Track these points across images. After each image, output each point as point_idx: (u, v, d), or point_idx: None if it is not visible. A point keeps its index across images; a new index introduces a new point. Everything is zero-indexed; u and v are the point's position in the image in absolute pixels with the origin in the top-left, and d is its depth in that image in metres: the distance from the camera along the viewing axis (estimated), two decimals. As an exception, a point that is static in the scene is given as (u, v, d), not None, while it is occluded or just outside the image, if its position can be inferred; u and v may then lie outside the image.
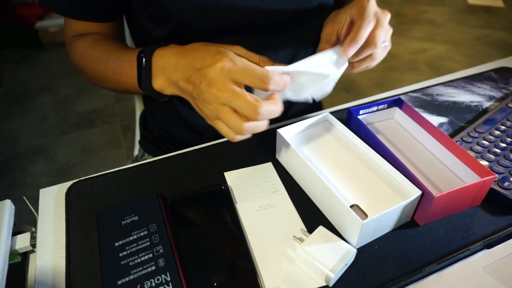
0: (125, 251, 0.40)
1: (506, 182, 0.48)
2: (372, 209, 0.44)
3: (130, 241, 0.41)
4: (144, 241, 0.41)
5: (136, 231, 0.42)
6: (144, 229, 0.42)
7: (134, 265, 0.39)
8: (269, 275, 0.40)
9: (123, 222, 0.43)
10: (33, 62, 2.33)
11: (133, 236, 0.42)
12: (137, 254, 0.40)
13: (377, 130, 0.59)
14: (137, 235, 0.42)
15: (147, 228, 0.42)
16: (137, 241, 0.41)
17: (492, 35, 2.59)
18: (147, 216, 0.44)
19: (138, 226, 0.43)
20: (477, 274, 0.41)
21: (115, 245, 0.41)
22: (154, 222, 0.43)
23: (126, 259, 0.40)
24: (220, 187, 0.49)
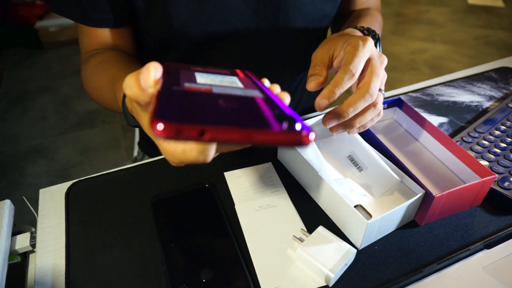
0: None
1: (506, 182, 0.48)
2: (375, 209, 0.44)
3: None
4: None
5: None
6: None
7: None
8: (269, 275, 0.40)
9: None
10: (33, 62, 2.33)
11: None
12: None
13: (377, 130, 0.59)
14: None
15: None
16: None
17: (492, 35, 2.59)
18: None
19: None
20: (477, 274, 0.41)
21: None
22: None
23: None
24: (204, 185, 0.49)
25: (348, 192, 0.45)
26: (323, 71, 0.43)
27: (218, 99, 0.24)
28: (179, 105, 0.22)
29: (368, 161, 0.48)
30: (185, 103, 0.23)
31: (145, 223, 0.46)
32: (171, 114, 0.21)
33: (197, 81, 0.28)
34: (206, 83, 0.28)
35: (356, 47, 0.40)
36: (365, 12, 0.64)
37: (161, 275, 0.40)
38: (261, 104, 0.25)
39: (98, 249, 0.43)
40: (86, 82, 0.58)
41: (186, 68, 0.31)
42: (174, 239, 0.43)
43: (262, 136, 0.22)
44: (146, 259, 0.42)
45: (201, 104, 0.23)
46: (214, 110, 0.23)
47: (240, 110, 0.24)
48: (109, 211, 0.47)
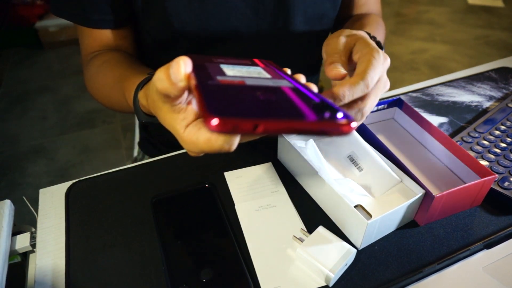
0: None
1: (506, 182, 0.48)
2: (375, 210, 0.44)
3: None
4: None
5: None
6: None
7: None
8: (269, 275, 0.40)
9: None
10: (33, 62, 2.33)
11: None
12: None
13: (377, 130, 0.59)
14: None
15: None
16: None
17: (492, 35, 2.59)
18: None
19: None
20: (477, 274, 0.41)
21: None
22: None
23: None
24: (204, 185, 0.49)
25: (348, 192, 0.45)
26: (345, 60, 0.41)
27: (256, 92, 0.25)
28: (227, 99, 0.24)
29: (368, 161, 0.48)
30: (231, 97, 0.24)
31: (145, 223, 0.46)
32: (223, 109, 0.22)
33: (227, 74, 0.28)
34: (237, 75, 0.28)
35: (378, 60, 0.38)
36: (371, 19, 0.62)
37: (161, 275, 0.40)
38: (298, 95, 0.26)
39: (98, 249, 0.43)
40: (90, 83, 0.58)
41: (210, 61, 0.32)
42: (174, 239, 0.43)
43: (309, 126, 0.23)
44: (146, 259, 0.42)
45: (245, 97, 0.25)
46: (260, 103, 0.24)
47: (282, 101, 0.25)
48: (109, 211, 0.47)
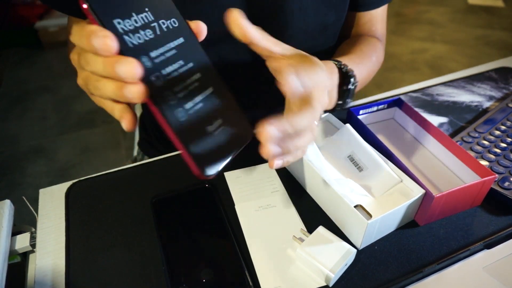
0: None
1: (506, 182, 0.48)
2: (375, 210, 0.44)
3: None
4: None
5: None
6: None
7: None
8: (269, 275, 0.40)
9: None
10: (33, 62, 2.33)
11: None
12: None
13: (377, 130, 0.59)
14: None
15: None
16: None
17: (492, 35, 2.59)
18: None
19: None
20: (477, 274, 0.41)
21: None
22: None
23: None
24: (204, 185, 0.49)
25: (348, 192, 0.45)
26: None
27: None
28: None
29: (368, 161, 0.48)
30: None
31: (145, 223, 0.46)
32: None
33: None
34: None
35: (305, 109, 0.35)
36: (362, 45, 0.60)
37: (161, 275, 0.40)
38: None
39: (98, 249, 0.43)
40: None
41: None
42: (174, 239, 0.43)
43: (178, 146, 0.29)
44: (146, 259, 0.42)
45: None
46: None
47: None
48: (109, 211, 0.47)
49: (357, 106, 0.57)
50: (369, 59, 0.59)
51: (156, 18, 0.30)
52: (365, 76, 0.58)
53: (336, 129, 0.55)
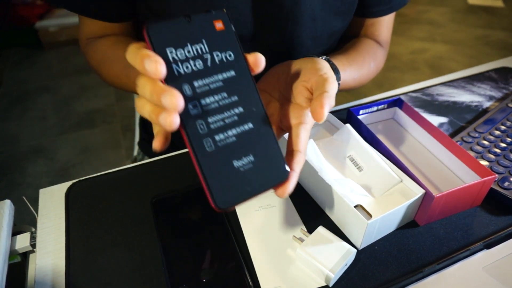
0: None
1: (506, 182, 0.48)
2: (375, 210, 0.44)
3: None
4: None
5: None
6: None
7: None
8: (269, 275, 0.40)
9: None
10: (33, 62, 2.33)
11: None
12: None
13: (377, 130, 0.59)
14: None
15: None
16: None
17: (492, 35, 2.59)
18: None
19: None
20: (477, 274, 0.41)
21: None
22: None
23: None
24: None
25: (348, 192, 0.45)
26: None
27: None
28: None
29: (368, 161, 0.48)
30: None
31: (145, 223, 0.46)
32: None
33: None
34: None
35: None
36: (361, 48, 0.60)
37: (161, 275, 0.40)
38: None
39: (98, 249, 0.43)
40: (102, 57, 0.56)
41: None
42: (174, 239, 0.43)
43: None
44: (146, 259, 0.42)
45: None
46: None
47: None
48: (109, 211, 0.47)
49: (357, 106, 0.57)
50: (366, 65, 0.59)
51: (211, 50, 0.31)
52: (355, 81, 0.58)
53: (336, 129, 0.55)
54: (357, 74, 0.57)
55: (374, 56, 0.61)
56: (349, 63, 0.55)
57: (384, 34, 0.65)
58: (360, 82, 0.59)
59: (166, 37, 0.30)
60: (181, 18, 0.30)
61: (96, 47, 0.57)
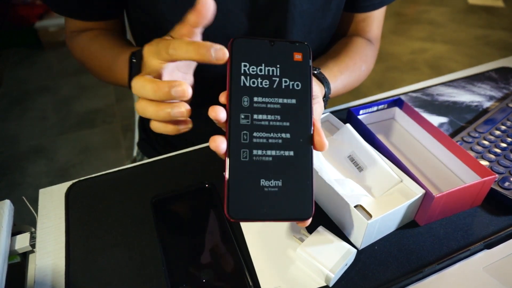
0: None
1: (507, 182, 0.48)
2: (375, 210, 0.44)
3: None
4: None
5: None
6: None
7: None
8: (269, 275, 0.40)
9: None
10: (33, 62, 2.33)
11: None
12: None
13: (377, 130, 0.59)
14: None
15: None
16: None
17: (492, 35, 2.59)
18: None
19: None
20: (477, 274, 0.41)
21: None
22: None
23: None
24: (204, 185, 0.49)
25: (348, 192, 0.45)
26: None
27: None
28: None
29: (368, 161, 0.48)
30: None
31: (145, 223, 0.46)
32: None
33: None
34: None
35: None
36: (351, 50, 0.60)
37: (161, 275, 0.40)
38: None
39: (98, 249, 0.43)
40: (83, 51, 0.57)
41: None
42: (174, 239, 0.43)
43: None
44: (146, 259, 0.42)
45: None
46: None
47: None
48: (109, 211, 0.47)
49: (357, 106, 0.57)
50: (357, 69, 0.59)
51: (281, 75, 0.33)
52: (345, 88, 0.58)
53: (336, 129, 0.55)
54: (348, 80, 0.58)
55: (365, 59, 0.62)
56: (340, 71, 0.56)
57: (375, 31, 0.66)
58: (352, 86, 0.61)
59: (246, 53, 0.33)
60: (266, 41, 0.34)
61: (78, 41, 0.57)
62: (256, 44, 0.33)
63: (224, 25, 0.54)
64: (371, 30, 0.65)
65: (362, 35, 0.64)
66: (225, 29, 0.54)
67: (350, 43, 0.62)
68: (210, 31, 0.54)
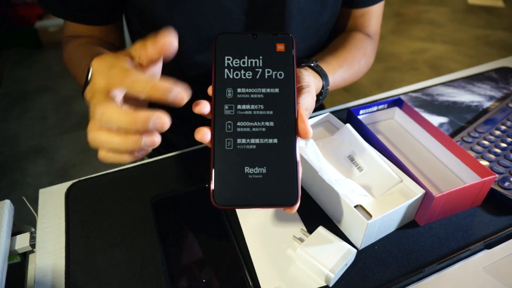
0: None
1: (507, 182, 0.48)
2: (375, 210, 0.44)
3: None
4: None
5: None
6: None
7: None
8: (269, 275, 0.40)
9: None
10: (33, 62, 2.33)
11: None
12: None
13: (377, 130, 0.59)
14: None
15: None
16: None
17: (492, 35, 2.59)
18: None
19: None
20: (477, 274, 0.41)
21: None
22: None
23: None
24: (204, 185, 0.49)
25: (348, 192, 0.45)
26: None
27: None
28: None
29: (368, 161, 0.48)
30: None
31: (145, 223, 0.46)
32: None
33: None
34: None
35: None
36: (350, 45, 0.60)
37: (161, 275, 0.40)
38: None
39: (98, 249, 0.43)
40: (69, 57, 0.56)
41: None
42: (174, 239, 0.43)
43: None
44: (146, 259, 0.42)
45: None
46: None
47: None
48: (109, 211, 0.47)
49: (357, 106, 0.57)
50: (356, 63, 0.59)
51: (264, 66, 0.34)
52: (345, 81, 0.58)
53: (336, 129, 0.55)
54: (348, 74, 0.58)
55: (364, 52, 0.61)
56: (339, 64, 0.56)
57: (374, 26, 0.65)
58: (351, 80, 0.60)
59: (229, 47, 0.34)
60: (249, 34, 0.34)
61: (68, 46, 0.57)
62: (239, 38, 0.34)
63: (223, 23, 0.54)
64: (369, 25, 0.65)
65: (361, 30, 0.65)
66: (224, 27, 0.54)
67: (349, 38, 0.62)
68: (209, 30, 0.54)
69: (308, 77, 0.42)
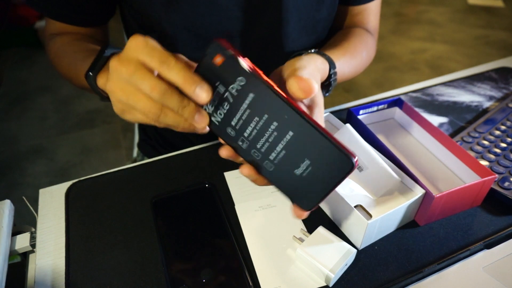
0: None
1: (506, 182, 0.48)
2: (375, 210, 0.44)
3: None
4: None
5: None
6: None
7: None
8: (269, 275, 0.40)
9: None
10: (33, 62, 2.33)
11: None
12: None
13: (377, 130, 0.59)
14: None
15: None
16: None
17: (492, 35, 2.59)
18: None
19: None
20: (477, 274, 0.41)
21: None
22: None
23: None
24: (204, 185, 0.49)
25: (348, 192, 0.45)
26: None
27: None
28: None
29: (368, 161, 0.48)
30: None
31: (145, 223, 0.46)
32: None
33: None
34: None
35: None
36: (352, 39, 0.59)
37: (161, 275, 0.40)
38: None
39: (98, 249, 0.43)
40: (56, 54, 0.56)
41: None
42: (174, 239, 0.43)
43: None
44: (146, 259, 0.42)
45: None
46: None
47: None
48: (109, 211, 0.47)
49: (357, 106, 0.57)
50: (359, 54, 0.58)
51: (226, 86, 0.32)
52: (350, 71, 0.57)
53: (336, 129, 0.55)
54: (351, 64, 0.57)
55: (366, 45, 0.61)
56: (342, 53, 0.54)
57: (372, 23, 0.65)
58: (355, 72, 0.59)
59: (216, 75, 0.32)
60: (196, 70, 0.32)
61: (54, 42, 0.56)
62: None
63: (220, 21, 0.54)
64: (368, 22, 0.65)
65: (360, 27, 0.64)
66: (221, 25, 0.54)
67: (349, 32, 0.62)
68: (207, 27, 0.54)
69: (300, 60, 0.40)
